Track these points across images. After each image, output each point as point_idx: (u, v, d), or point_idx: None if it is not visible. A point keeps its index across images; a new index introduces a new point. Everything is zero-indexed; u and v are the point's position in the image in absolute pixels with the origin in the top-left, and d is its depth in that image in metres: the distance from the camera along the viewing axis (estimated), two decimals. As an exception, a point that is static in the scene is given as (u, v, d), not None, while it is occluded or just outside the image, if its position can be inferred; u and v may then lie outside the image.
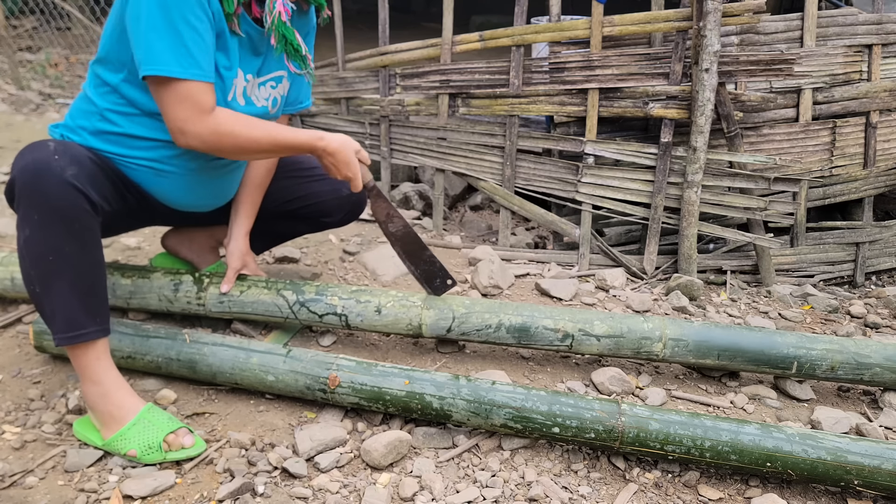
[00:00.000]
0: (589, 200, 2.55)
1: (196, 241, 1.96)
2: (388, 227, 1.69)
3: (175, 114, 1.34)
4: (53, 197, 1.25)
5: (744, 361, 1.63)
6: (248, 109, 1.57)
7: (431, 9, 9.02)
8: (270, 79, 1.62)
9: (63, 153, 1.30)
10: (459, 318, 1.65)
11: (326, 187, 1.83)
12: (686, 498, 1.34)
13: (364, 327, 1.69)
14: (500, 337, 1.65)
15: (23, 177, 1.27)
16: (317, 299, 1.69)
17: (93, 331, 1.33)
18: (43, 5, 5.41)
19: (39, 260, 1.28)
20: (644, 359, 1.67)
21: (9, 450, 1.37)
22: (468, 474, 1.36)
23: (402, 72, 2.75)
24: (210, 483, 1.30)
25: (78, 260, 1.30)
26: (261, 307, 1.70)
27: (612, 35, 2.41)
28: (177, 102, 1.33)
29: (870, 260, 2.82)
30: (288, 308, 1.69)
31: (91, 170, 1.35)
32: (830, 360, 1.60)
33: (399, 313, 1.66)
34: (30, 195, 1.26)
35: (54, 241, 1.27)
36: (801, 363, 1.61)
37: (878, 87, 2.66)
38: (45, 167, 1.26)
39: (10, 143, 3.47)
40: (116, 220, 1.44)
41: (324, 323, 1.70)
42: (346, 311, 1.68)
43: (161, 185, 1.54)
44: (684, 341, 1.63)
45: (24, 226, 1.28)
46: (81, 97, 1.52)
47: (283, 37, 1.49)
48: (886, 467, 1.27)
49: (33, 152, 1.30)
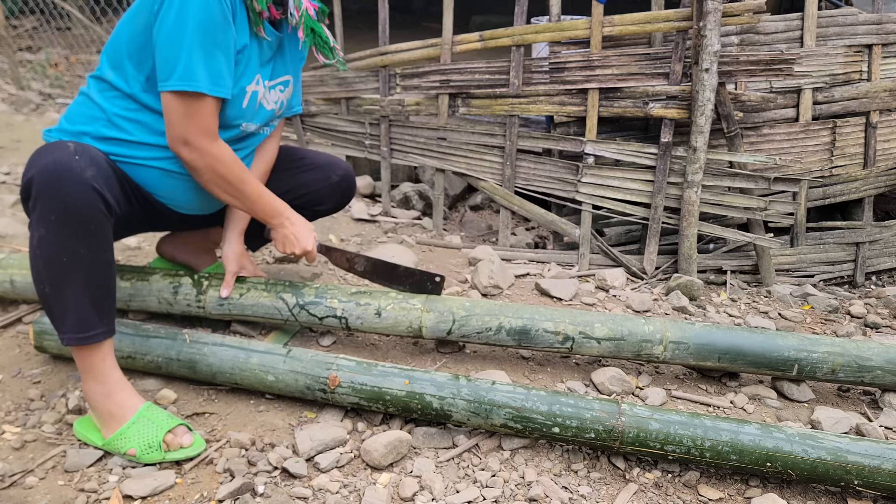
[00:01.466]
0: (589, 200, 2.55)
1: (192, 244, 1.96)
2: (355, 268, 1.77)
3: (187, 126, 1.39)
4: (73, 198, 1.25)
5: (745, 364, 1.63)
6: (261, 113, 1.60)
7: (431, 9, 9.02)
8: (279, 83, 1.64)
9: (83, 154, 1.31)
10: (459, 320, 1.65)
11: (316, 176, 1.84)
12: (686, 498, 1.34)
13: (364, 329, 1.69)
14: (501, 339, 1.66)
15: (42, 176, 1.26)
16: (316, 302, 1.68)
17: (102, 331, 1.34)
18: (43, 5, 5.41)
19: (53, 260, 1.27)
20: (644, 360, 1.67)
21: (9, 450, 1.37)
22: (468, 474, 1.36)
23: (402, 72, 2.75)
24: (210, 483, 1.30)
25: (92, 261, 1.30)
26: (260, 310, 1.70)
27: (612, 35, 2.41)
28: (197, 116, 1.38)
29: (870, 260, 2.82)
30: (288, 311, 1.69)
31: (107, 172, 1.35)
32: (832, 362, 1.60)
33: (399, 316, 1.66)
34: (49, 196, 1.25)
35: (69, 242, 1.27)
36: (801, 366, 1.61)
37: (878, 87, 2.66)
38: (66, 168, 1.26)
39: (10, 143, 3.46)
40: (120, 225, 1.44)
41: (324, 325, 1.70)
42: (345, 313, 1.67)
43: (169, 186, 1.55)
44: (685, 344, 1.62)
45: (40, 226, 1.27)
46: (81, 101, 1.51)
47: (311, 30, 1.56)
48: (886, 467, 1.27)
49: (53, 152, 1.29)
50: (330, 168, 1.86)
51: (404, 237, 2.69)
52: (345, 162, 1.91)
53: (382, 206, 2.98)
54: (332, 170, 1.85)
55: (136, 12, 1.40)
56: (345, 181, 1.88)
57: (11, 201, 2.65)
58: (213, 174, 1.46)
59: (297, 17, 1.53)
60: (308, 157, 1.88)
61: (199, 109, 1.38)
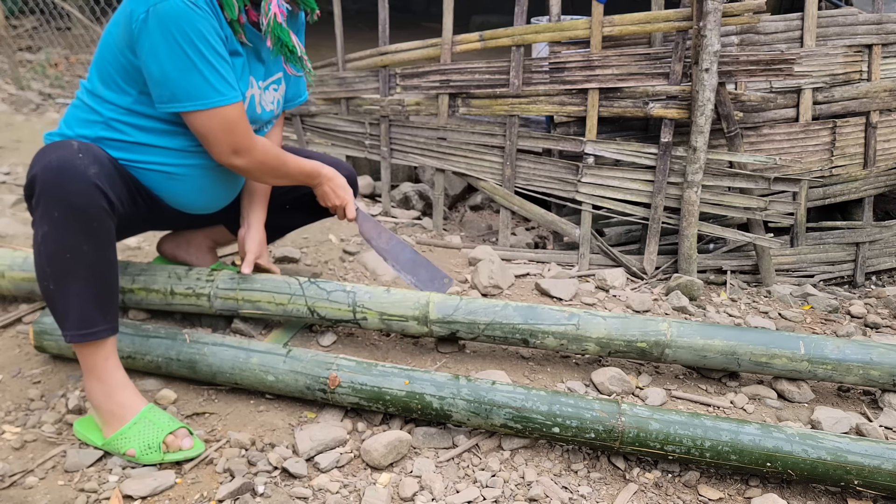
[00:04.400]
0: (589, 200, 2.55)
1: (193, 243, 1.96)
2: (379, 242, 1.81)
3: (226, 139, 1.42)
4: (76, 195, 1.26)
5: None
6: (262, 115, 1.61)
7: (431, 9, 9.02)
8: (272, 82, 1.65)
9: (86, 152, 1.31)
10: (467, 300, 1.68)
11: None
12: (686, 498, 1.34)
13: (371, 306, 1.67)
14: (508, 315, 1.64)
15: (45, 174, 1.27)
16: (327, 281, 1.73)
17: (104, 329, 1.34)
18: (43, 5, 5.41)
19: (56, 257, 1.28)
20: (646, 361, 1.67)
21: (9, 450, 1.37)
22: (468, 474, 1.36)
23: (402, 72, 2.75)
24: (210, 483, 1.30)
25: (94, 259, 1.30)
26: (270, 284, 1.72)
27: (612, 35, 2.41)
28: (225, 130, 1.41)
29: (870, 260, 2.82)
30: (298, 285, 1.71)
31: (110, 170, 1.36)
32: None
33: (407, 293, 1.69)
34: (52, 192, 1.26)
35: (73, 239, 1.27)
36: None
37: (878, 87, 2.66)
38: (70, 165, 1.27)
39: (10, 143, 3.46)
40: (123, 224, 1.45)
41: (331, 301, 1.68)
42: (355, 289, 1.70)
43: (173, 188, 1.55)
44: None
45: (43, 223, 1.28)
46: (78, 105, 1.51)
47: (278, 39, 1.51)
48: (886, 467, 1.27)
49: (57, 150, 1.30)
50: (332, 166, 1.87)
51: (404, 237, 2.69)
52: (348, 164, 1.93)
53: (382, 206, 2.98)
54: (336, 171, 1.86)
55: (112, 31, 1.40)
56: (347, 180, 1.88)
57: (11, 201, 2.65)
58: (263, 168, 1.53)
59: (265, 24, 1.48)
60: (312, 158, 1.88)
61: (233, 118, 1.41)
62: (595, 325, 1.64)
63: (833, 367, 1.59)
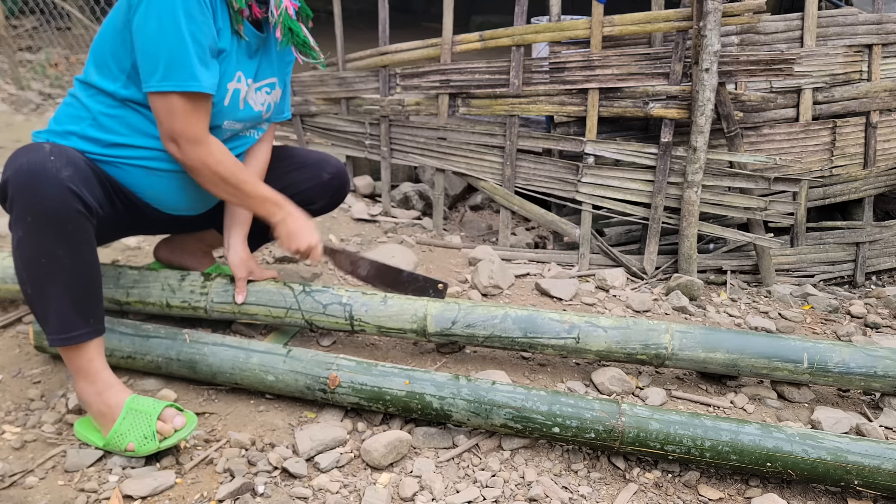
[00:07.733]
0: (589, 200, 2.55)
1: (188, 248, 1.95)
2: (359, 272, 1.76)
3: (174, 123, 1.38)
4: (48, 199, 1.24)
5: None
6: (246, 112, 1.58)
7: (431, 9, 9.02)
8: (265, 84, 1.63)
9: (59, 155, 1.29)
10: (465, 310, 1.66)
11: (306, 175, 1.82)
12: (686, 498, 1.34)
13: (368, 319, 1.67)
14: (507, 328, 1.63)
15: (17, 178, 1.26)
16: (322, 290, 1.70)
17: (85, 332, 1.33)
18: (43, 5, 5.41)
19: (32, 262, 1.27)
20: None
21: (9, 450, 1.37)
22: (468, 474, 1.36)
23: (402, 72, 2.75)
24: (210, 483, 1.30)
25: (71, 263, 1.29)
26: (265, 296, 1.70)
27: (612, 35, 2.41)
28: (181, 113, 1.37)
29: (870, 260, 2.82)
30: (293, 297, 1.69)
31: (86, 172, 1.34)
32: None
33: (405, 304, 1.67)
34: (23, 197, 1.25)
35: (47, 243, 1.26)
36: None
37: (878, 87, 2.66)
38: (41, 169, 1.25)
39: (10, 143, 3.46)
40: (104, 228, 1.43)
41: (327, 315, 1.68)
42: (351, 300, 1.68)
43: (152, 185, 1.53)
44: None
45: (18, 228, 1.27)
46: (69, 102, 1.51)
47: (289, 30, 1.52)
48: (886, 467, 1.27)
49: (28, 154, 1.28)
50: (320, 166, 1.83)
51: (404, 237, 2.69)
52: (336, 159, 1.88)
53: (382, 206, 2.98)
54: (323, 167, 1.82)
55: (115, 10, 1.41)
56: (336, 178, 1.85)
57: (11, 201, 2.65)
58: (207, 170, 1.44)
59: (276, 15, 1.50)
60: (298, 155, 1.86)
61: (181, 107, 1.37)
62: (595, 337, 1.62)
63: (835, 378, 1.60)
